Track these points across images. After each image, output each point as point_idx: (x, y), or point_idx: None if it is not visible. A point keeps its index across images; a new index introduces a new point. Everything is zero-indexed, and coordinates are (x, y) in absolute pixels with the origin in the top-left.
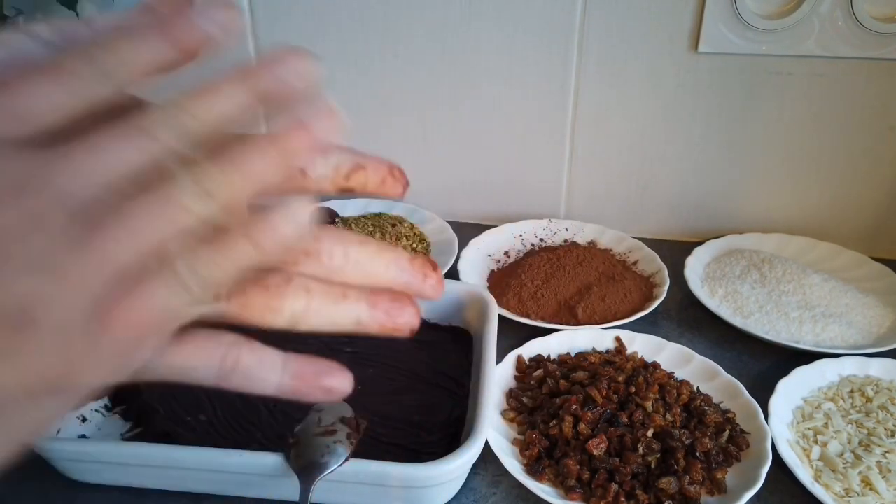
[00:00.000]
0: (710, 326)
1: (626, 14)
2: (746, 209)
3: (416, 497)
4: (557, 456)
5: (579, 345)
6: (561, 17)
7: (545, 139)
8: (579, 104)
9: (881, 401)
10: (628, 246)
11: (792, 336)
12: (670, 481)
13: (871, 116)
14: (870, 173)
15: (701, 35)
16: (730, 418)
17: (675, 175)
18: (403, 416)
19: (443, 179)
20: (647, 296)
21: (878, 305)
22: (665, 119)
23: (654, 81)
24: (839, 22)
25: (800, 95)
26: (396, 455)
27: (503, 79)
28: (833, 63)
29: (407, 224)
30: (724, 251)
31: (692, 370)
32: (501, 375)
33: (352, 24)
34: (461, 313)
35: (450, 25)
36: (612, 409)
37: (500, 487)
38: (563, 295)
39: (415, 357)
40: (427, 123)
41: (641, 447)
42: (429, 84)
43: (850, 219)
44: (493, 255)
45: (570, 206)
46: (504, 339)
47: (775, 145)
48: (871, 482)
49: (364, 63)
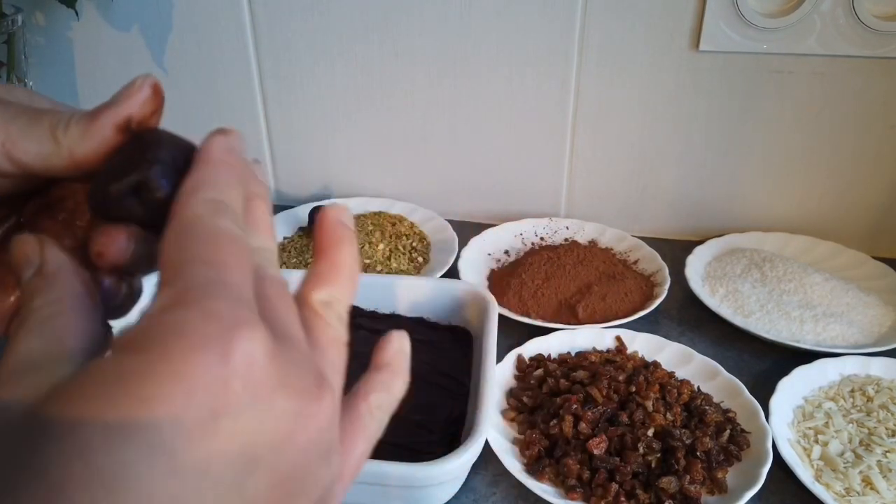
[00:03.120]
0: (711, 325)
1: (626, 13)
2: (747, 208)
3: (415, 496)
4: (558, 455)
5: (580, 344)
6: (561, 16)
7: (546, 138)
8: (580, 103)
9: (882, 400)
10: (629, 245)
11: (793, 335)
12: (671, 481)
13: (873, 115)
14: (871, 172)
15: (702, 34)
16: (730, 418)
17: (676, 174)
18: (403, 415)
19: (443, 178)
20: (647, 295)
21: (879, 304)
22: (666, 118)
23: (655, 80)
24: (840, 20)
25: (801, 94)
26: (396, 454)
27: (503, 78)
28: (834, 62)
29: (407, 223)
30: (725, 250)
31: (693, 369)
32: (502, 375)
33: (352, 24)
34: (461, 312)
35: (450, 25)
36: (613, 408)
37: (500, 487)
38: (564, 294)
39: (414, 356)
40: (427, 123)
41: (642, 446)
42: (429, 84)
43: (851, 217)
44: (494, 254)
45: (570, 205)
46: (504, 338)
47: (776, 144)
48: (871, 481)
49: (364, 63)
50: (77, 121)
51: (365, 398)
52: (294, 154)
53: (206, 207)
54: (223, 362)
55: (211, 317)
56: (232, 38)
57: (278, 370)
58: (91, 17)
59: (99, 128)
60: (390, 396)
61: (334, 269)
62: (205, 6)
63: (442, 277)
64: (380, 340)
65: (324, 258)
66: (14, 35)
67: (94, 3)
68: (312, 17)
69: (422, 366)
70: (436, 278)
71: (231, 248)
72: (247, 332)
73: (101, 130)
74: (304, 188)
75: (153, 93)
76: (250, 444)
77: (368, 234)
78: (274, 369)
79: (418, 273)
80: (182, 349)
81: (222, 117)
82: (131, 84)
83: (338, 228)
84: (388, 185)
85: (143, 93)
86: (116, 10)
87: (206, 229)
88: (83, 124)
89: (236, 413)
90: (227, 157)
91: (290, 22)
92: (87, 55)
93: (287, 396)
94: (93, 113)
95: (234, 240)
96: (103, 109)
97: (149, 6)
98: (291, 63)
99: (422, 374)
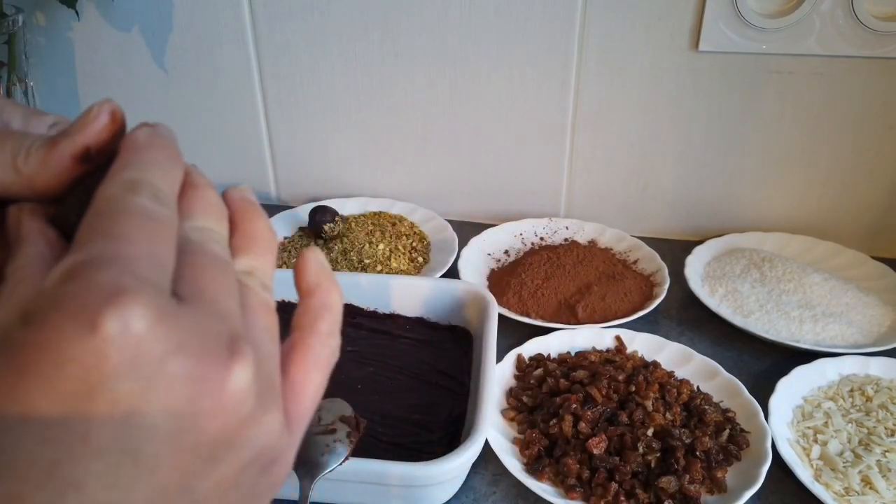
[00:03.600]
0: (711, 325)
1: (626, 13)
2: (747, 208)
3: (416, 496)
4: (557, 455)
5: (579, 344)
6: (561, 16)
7: (546, 138)
8: (580, 103)
9: (881, 400)
10: (628, 245)
11: (792, 335)
12: (670, 480)
13: (872, 115)
14: (870, 172)
15: (701, 34)
16: (730, 417)
17: (676, 174)
18: (403, 414)
19: (443, 178)
20: (647, 295)
21: (878, 304)
22: (665, 118)
23: (655, 80)
24: (840, 21)
25: (800, 94)
26: (396, 454)
27: (503, 77)
28: (833, 62)
29: (407, 223)
30: (725, 250)
31: (692, 369)
32: (501, 374)
33: (352, 24)
34: (461, 312)
35: (450, 25)
36: (612, 408)
37: (499, 486)
38: (564, 294)
39: (415, 356)
40: (427, 123)
41: (641, 446)
42: (429, 84)
43: (850, 218)
44: (494, 254)
45: (570, 205)
46: (504, 337)
47: (776, 144)
48: (871, 481)
49: (364, 63)
50: (37, 149)
51: (312, 330)
52: (294, 154)
53: (120, 187)
54: (92, 332)
55: (90, 288)
56: (232, 38)
57: (170, 335)
58: (92, 18)
59: (58, 158)
60: (334, 316)
61: (250, 240)
62: (205, 6)
63: (442, 277)
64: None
65: (238, 231)
66: (15, 35)
67: (95, 3)
68: (312, 17)
69: (422, 365)
70: (436, 278)
71: (138, 220)
72: (124, 300)
73: (60, 161)
74: (304, 188)
75: (111, 119)
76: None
77: (368, 234)
78: (164, 334)
79: (418, 273)
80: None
81: (222, 117)
82: (88, 112)
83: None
84: (388, 185)
85: (100, 121)
86: (117, 11)
87: (116, 206)
88: (41, 153)
89: (114, 380)
90: (151, 141)
91: (290, 22)
92: (88, 55)
93: (182, 361)
94: (51, 142)
95: (144, 213)
96: (61, 139)
97: (149, 6)
98: (291, 63)
99: (422, 374)
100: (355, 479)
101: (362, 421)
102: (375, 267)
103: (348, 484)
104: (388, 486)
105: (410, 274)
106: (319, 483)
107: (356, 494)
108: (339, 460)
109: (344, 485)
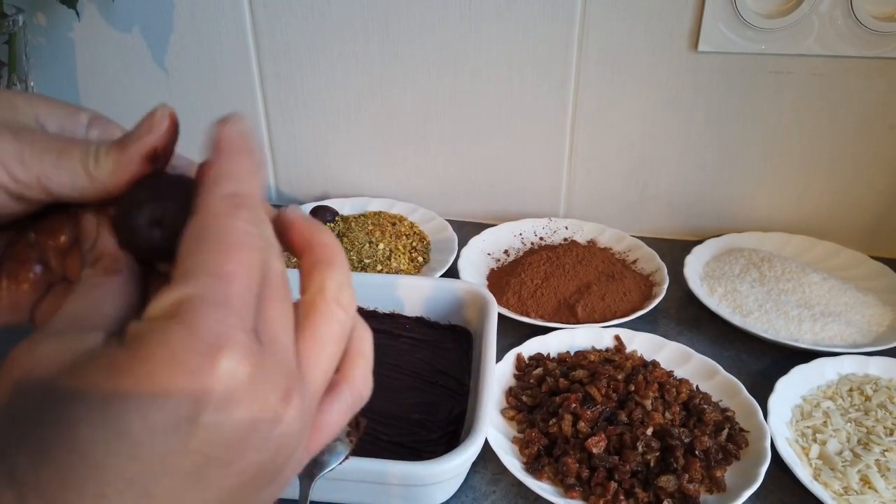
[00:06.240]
0: (710, 325)
1: (625, 13)
2: (746, 208)
3: (416, 495)
4: (557, 454)
5: (579, 343)
6: (561, 16)
7: (545, 138)
8: (579, 103)
9: (880, 399)
10: (628, 245)
11: (791, 334)
12: (669, 479)
13: (871, 115)
14: (869, 172)
15: (701, 34)
16: (729, 417)
17: (675, 174)
18: (403, 414)
19: (443, 178)
20: (646, 294)
21: (877, 304)
22: (665, 118)
23: (654, 80)
24: (839, 21)
25: (799, 94)
26: (396, 453)
27: (503, 78)
28: (833, 62)
29: (407, 222)
30: (724, 250)
31: (691, 369)
32: (501, 374)
33: (352, 24)
34: (461, 312)
35: (450, 25)
36: (612, 407)
37: (499, 485)
38: (563, 293)
39: (415, 355)
40: (427, 123)
41: (641, 445)
42: (429, 84)
43: (849, 218)
44: (493, 254)
45: (569, 205)
46: (504, 337)
47: (775, 144)
48: (869, 480)
49: (364, 63)
50: (106, 153)
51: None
52: (294, 154)
53: (224, 205)
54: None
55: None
56: (232, 38)
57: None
58: (92, 18)
59: (128, 161)
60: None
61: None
62: (205, 6)
63: (442, 277)
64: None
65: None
66: (15, 35)
67: (96, 3)
68: (312, 18)
69: (422, 365)
70: (436, 278)
71: (241, 255)
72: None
73: (130, 163)
74: (304, 188)
75: (171, 123)
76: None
77: (368, 234)
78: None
79: (418, 273)
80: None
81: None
82: (151, 116)
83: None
84: (388, 185)
85: (165, 123)
86: (117, 11)
87: (221, 233)
88: (113, 157)
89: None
90: (244, 144)
91: (290, 22)
92: (88, 56)
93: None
94: (121, 146)
95: (247, 245)
96: (130, 142)
97: (150, 7)
98: (291, 63)
99: (422, 374)
100: (355, 479)
101: (362, 420)
102: (375, 267)
103: (348, 483)
104: (388, 485)
105: (410, 274)
106: (319, 482)
107: (356, 493)
108: (339, 459)
109: (344, 484)
